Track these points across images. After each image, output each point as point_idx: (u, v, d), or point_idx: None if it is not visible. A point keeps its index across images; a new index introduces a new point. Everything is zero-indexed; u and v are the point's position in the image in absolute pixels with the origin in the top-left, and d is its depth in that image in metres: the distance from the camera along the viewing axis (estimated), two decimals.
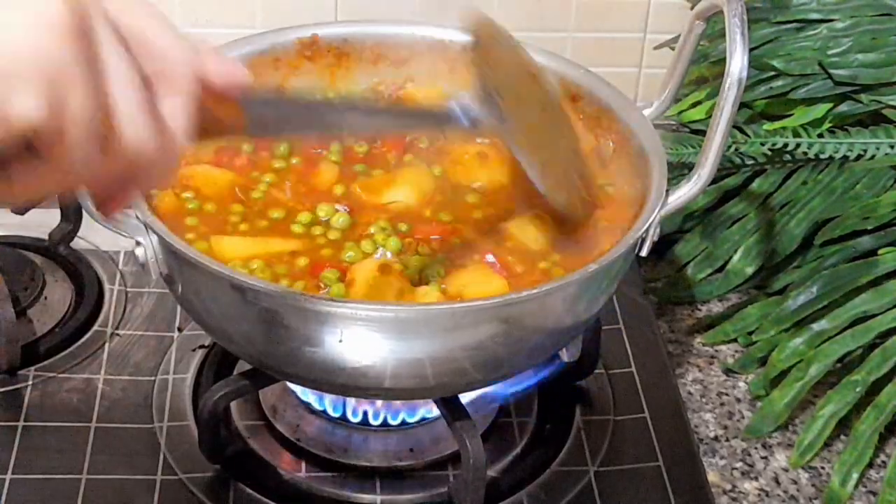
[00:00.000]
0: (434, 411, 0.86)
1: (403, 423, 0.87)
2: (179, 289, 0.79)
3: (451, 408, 0.81)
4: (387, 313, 0.73)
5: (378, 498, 0.84)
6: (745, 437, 0.91)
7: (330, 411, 0.87)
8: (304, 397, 0.88)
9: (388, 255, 0.80)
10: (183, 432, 0.88)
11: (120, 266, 1.03)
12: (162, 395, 0.91)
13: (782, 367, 0.93)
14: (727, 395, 0.95)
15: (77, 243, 1.03)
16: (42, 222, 1.03)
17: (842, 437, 0.91)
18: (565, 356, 0.89)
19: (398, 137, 0.90)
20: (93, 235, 1.04)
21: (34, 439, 0.87)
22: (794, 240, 1.02)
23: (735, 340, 1.00)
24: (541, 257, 0.81)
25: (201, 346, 0.95)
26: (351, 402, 0.86)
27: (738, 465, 0.89)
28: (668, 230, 1.05)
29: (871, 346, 0.91)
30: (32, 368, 0.92)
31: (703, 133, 0.85)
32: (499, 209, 0.85)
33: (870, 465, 0.88)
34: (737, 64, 0.77)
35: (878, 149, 1.03)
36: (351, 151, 0.90)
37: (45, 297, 0.99)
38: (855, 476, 0.86)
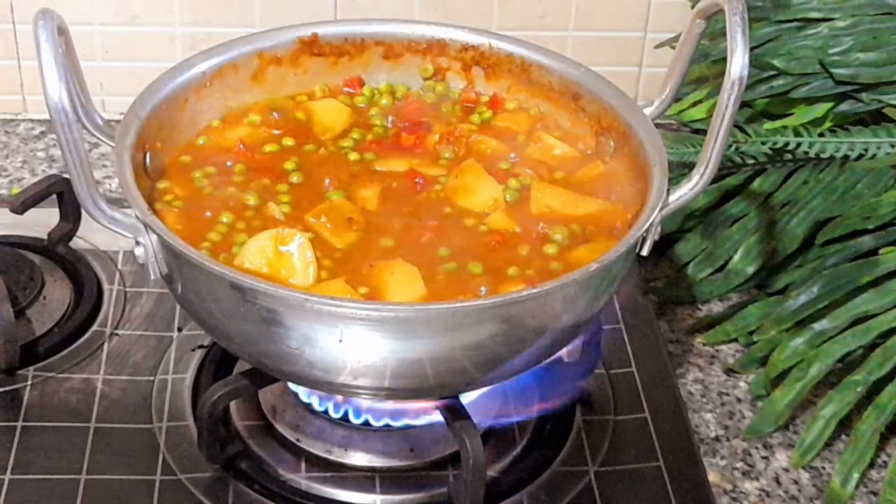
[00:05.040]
0: (434, 412, 0.86)
1: (405, 423, 0.87)
2: (179, 288, 0.79)
3: (451, 408, 0.81)
4: (387, 313, 0.72)
5: (378, 498, 0.84)
6: (745, 437, 0.91)
7: (332, 413, 0.87)
8: (305, 399, 0.88)
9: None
10: (182, 432, 0.87)
11: (119, 266, 1.03)
12: (161, 396, 0.90)
13: (783, 367, 0.93)
14: (728, 395, 0.95)
15: (76, 243, 1.03)
16: (41, 222, 1.02)
17: (843, 437, 0.91)
18: (565, 356, 0.89)
19: None
20: (92, 235, 1.04)
21: (33, 439, 0.86)
22: (794, 239, 1.02)
23: (735, 340, 1.00)
24: None
25: (201, 346, 0.95)
26: (352, 403, 0.86)
27: (739, 465, 0.89)
28: (669, 229, 1.05)
29: (872, 346, 0.91)
30: (31, 368, 0.92)
31: (703, 132, 0.85)
32: None
33: (871, 466, 0.88)
34: (737, 63, 0.77)
35: (879, 148, 1.03)
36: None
37: (44, 297, 0.99)
38: (856, 476, 0.86)
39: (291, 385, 0.88)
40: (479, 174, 0.88)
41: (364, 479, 0.85)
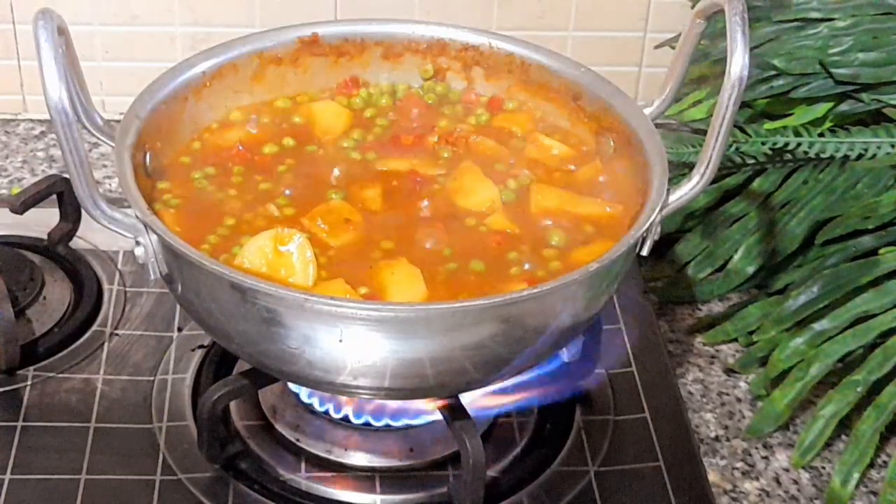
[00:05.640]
0: (434, 412, 0.86)
1: (405, 423, 0.87)
2: (179, 288, 0.79)
3: (451, 408, 0.81)
4: (387, 313, 0.72)
5: (378, 498, 0.84)
6: (745, 437, 0.91)
7: (332, 413, 0.87)
8: (306, 399, 0.88)
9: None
10: (182, 432, 0.87)
11: (119, 266, 1.03)
12: (161, 395, 0.90)
13: (783, 367, 0.93)
14: (728, 394, 0.95)
15: (76, 243, 1.03)
16: (41, 222, 1.02)
17: (843, 437, 0.91)
18: (565, 356, 0.89)
19: None
20: (92, 235, 1.04)
21: (33, 439, 0.86)
22: (794, 239, 1.02)
23: (735, 340, 1.00)
24: None
25: (201, 346, 0.95)
26: (352, 403, 0.86)
27: (739, 465, 0.89)
28: (669, 230, 1.05)
29: (872, 346, 0.91)
30: (31, 368, 0.92)
31: (703, 132, 0.85)
32: None
33: (871, 465, 0.88)
34: (737, 63, 0.77)
35: (879, 148, 1.03)
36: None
37: (45, 297, 0.99)
38: (856, 476, 0.86)
39: (292, 385, 0.88)
40: (476, 175, 0.88)
41: (364, 479, 0.85)
